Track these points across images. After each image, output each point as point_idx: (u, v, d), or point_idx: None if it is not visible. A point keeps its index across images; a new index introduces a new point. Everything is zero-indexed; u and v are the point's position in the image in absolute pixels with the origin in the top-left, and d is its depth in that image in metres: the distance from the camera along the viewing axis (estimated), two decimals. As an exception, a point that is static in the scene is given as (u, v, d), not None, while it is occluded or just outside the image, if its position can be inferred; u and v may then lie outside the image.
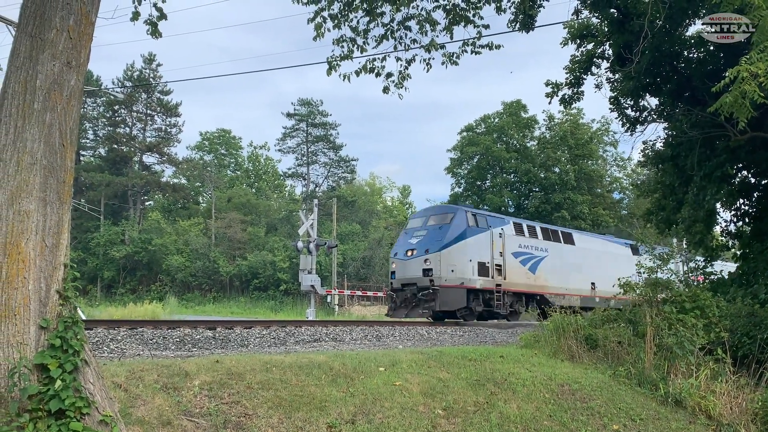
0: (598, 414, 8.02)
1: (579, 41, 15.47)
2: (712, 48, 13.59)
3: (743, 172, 15.35)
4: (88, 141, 57.55)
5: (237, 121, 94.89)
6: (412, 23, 10.25)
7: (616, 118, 16.40)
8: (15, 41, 4.59)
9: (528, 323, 19.15)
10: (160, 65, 58.84)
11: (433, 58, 10.49)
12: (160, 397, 5.50)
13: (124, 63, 77.02)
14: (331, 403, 6.29)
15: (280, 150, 65.18)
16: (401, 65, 10.53)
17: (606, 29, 14.78)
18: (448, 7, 10.16)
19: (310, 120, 62.55)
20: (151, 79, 55.76)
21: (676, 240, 22.16)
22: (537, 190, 49.68)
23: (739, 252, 15.62)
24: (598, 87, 15.98)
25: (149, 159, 58.23)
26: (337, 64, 10.13)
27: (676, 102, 14.70)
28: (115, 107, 56.44)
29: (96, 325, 10.79)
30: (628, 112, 16.05)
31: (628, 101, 15.87)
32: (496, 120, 52.91)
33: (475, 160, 52.12)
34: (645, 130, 16.32)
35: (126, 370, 5.86)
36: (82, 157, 56.45)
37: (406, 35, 10.33)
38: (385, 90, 10.52)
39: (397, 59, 10.53)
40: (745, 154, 13.67)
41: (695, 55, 14.36)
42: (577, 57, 15.62)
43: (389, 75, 10.47)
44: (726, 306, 11.68)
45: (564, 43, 15.60)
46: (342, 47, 10.14)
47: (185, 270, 47.47)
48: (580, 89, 15.69)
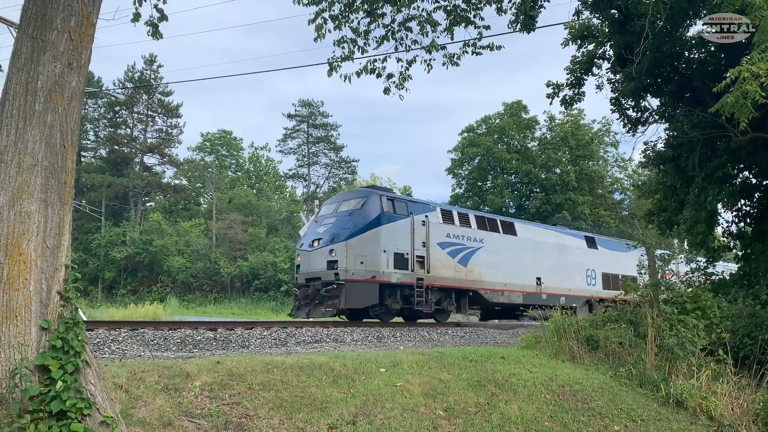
0: (599, 415, 8.02)
1: (580, 42, 15.46)
2: (713, 49, 13.58)
3: (744, 172, 15.34)
4: (89, 142, 57.59)
5: (238, 122, 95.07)
6: (413, 24, 10.27)
7: (617, 119, 16.41)
8: (16, 42, 4.59)
9: (529, 324, 19.08)
10: (161, 66, 58.77)
11: (433, 59, 10.51)
12: (161, 398, 5.50)
13: (125, 64, 77.32)
14: (332, 404, 6.29)
15: (281, 151, 65.27)
16: (402, 66, 10.55)
17: (607, 30, 14.78)
18: (448, 8, 10.17)
19: (310, 121, 62.55)
20: (152, 80, 55.78)
21: (678, 241, 22.13)
22: (538, 190, 49.68)
23: (741, 253, 15.61)
24: (599, 88, 15.97)
25: (150, 160, 58.27)
26: (338, 65, 10.15)
27: (677, 103, 14.69)
28: (116, 108, 56.47)
29: (97, 326, 10.80)
30: (629, 112, 16.05)
31: (629, 102, 15.87)
32: (497, 121, 52.94)
33: (476, 161, 52.14)
34: (646, 130, 16.33)
35: (127, 371, 5.86)
36: (83, 158, 56.49)
37: (407, 36, 10.35)
38: (386, 91, 10.54)
39: (398, 60, 10.57)
40: (747, 154, 13.66)
41: (696, 55, 14.35)
42: (578, 58, 15.61)
43: (390, 76, 10.48)
44: (727, 307, 11.68)
45: (565, 43, 15.60)
46: (343, 48, 10.16)
47: (186, 271, 47.47)
48: (580, 90, 15.68)
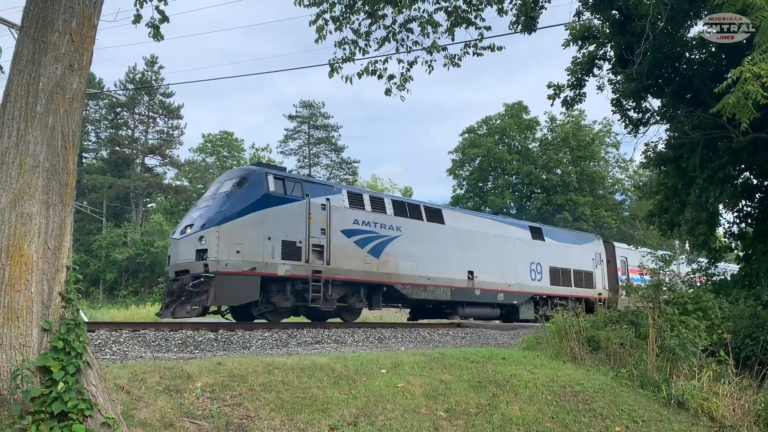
0: (601, 416, 8.01)
1: (581, 43, 15.48)
2: (714, 49, 13.59)
3: (745, 173, 15.34)
4: (91, 143, 57.60)
5: (239, 124, 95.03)
6: (413, 25, 10.29)
7: (618, 120, 16.43)
8: (18, 44, 4.60)
9: (530, 324, 19.06)
10: (162, 68, 58.76)
11: (435, 60, 10.53)
12: (162, 399, 5.50)
13: (126, 65, 77.35)
14: (333, 405, 6.29)
15: (282, 152, 65.17)
16: (403, 67, 10.58)
17: (608, 31, 14.79)
18: (449, 9, 10.18)
19: (311, 122, 62.56)
20: (152, 82, 55.82)
21: (679, 242, 22.09)
22: (539, 191, 49.69)
23: (742, 253, 15.61)
24: (599, 88, 16.00)
25: (151, 161, 58.23)
26: (339, 67, 10.16)
27: (678, 103, 14.70)
28: (117, 109, 56.53)
29: (98, 327, 10.80)
30: (630, 113, 16.07)
31: (630, 103, 15.89)
32: (498, 122, 52.99)
33: (476, 162, 52.19)
34: (647, 131, 16.36)
35: (128, 372, 5.87)
36: (85, 160, 56.52)
37: (408, 37, 10.38)
38: (388, 92, 10.56)
39: (399, 61, 10.59)
40: (748, 155, 13.66)
41: (697, 56, 14.36)
42: (579, 59, 15.63)
43: (391, 77, 10.51)
44: (728, 307, 11.68)
45: (566, 44, 15.62)
46: (344, 49, 10.18)
47: (187, 272, 47.34)
48: (581, 91, 15.71)
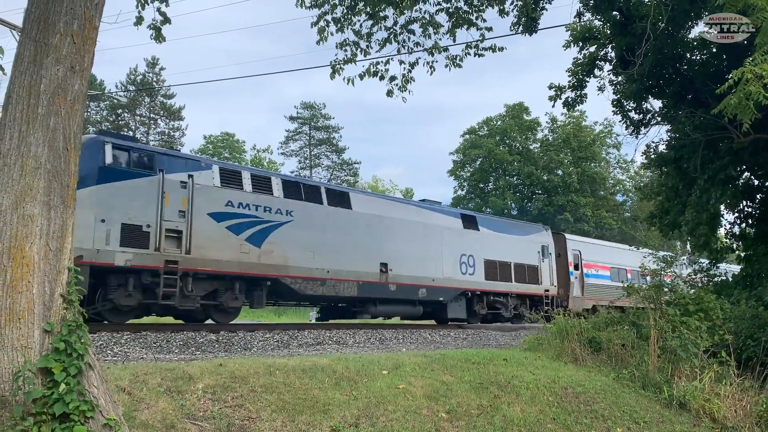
0: (602, 417, 8.00)
1: (581, 44, 15.48)
2: (714, 50, 13.59)
3: (747, 174, 15.32)
4: (92, 145, 57.61)
5: (240, 125, 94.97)
6: (415, 26, 10.30)
7: (619, 121, 16.42)
8: (19, 46, 4.61)
9: (531, 326, 18.99)
10: (163, 69, 58.78)
11: (436, 61, 10.56)
12: (163, 400, 5.50)
13: (128, 67, 77.43)
14: (334, 407, 6.29)
15: (283, 153, 65.06)
16: (404, 68, 10.59)
17: (608, 32, 14.79)
18: (451, 10, 10.19)
19: (312, 123, 62.55)
20: (154, 83, 55.89)
21: (680, 243, 22.05)
22: (540, 192, 49.66)
23: (743, 254, 15.59)
24: (600, 89, 15.99)
25: (153, 162, 58.21)
26: (340, 68, 10.18)
27: (679, 104, 14.69)
28: (119, 111, 56.60)
29: (100, 329, 10.80)
30: (631, 114, 16.07)
31: (631, 104, 15.88)
32: (499, 123, 52.98)
33: (477, 163, 52.17)
34: (648, 132, 16.34)
35: (130, 373, 5.87)
36: (86, 161, 56.57)
37: (409, 38, 10.39)
38: (389, 93, 10.58)
39: (401, 62, 10.60)
40: (749, 156, 13.64)
41: (698, 57, 14.35)
42: (580, 60, 15.63)
43: (393, 78, 10.52)
44: (730, 308, 11.66)
45: (566, 45, 15.62)
46: (345, 51, 10.20)
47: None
48: (582, 92, 15.71)
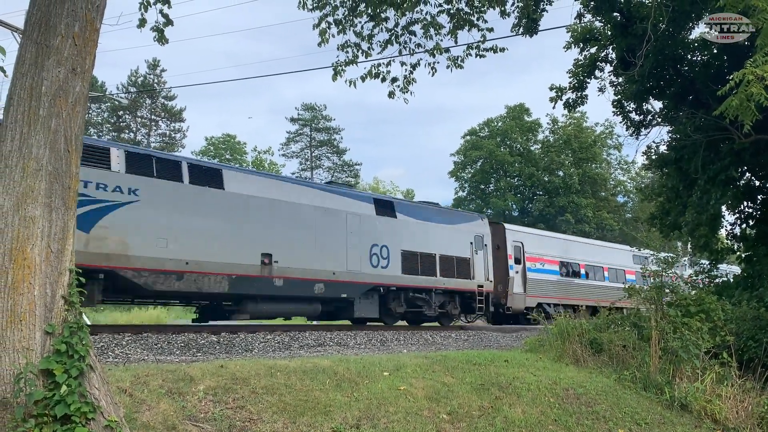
0: (603, 418, 8.00)
1: (582, 45, 15.48)
2: (715, 51, 13.58)
3: (747, 174, 15.31)
4: (93, 146, 57.63)
5: (242, 126, 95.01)
6: (416, 28, 10.30)
7: (620, 122, 16.42)
8: (20, 48, 4.62)
9: (533, 327, 18.99)
10: (164, 71, 58.78)
11: (437, 62, 10.53)
12: (164, 402, 5.50)
13: (129, 69, 77.47)
14: (335, 408, 6.29)
15: (284, 155, 65.14)
16: (406, 70, 10.57)
17: (609, 33, 14.79)
18: (452, 11, 10.18)
19: (313, 125, 62.60)
20: (155, 85, 55.93)
21: (681, 244, 22.02)
22: (541, 193, 49.64)
23: (744, 255, 15.57)
24: (601, 90, 15.99)
25: (154, 164, 58.23)
26: (342, 70, 10.16)
27: (680, 105, 14.68)
28: (120, 113, 56.62)
29: (101, 331, 10.80)
30: (632, 115, 16.06)
31: (632, 105, 15.88)
32: (500, 124, 52.97)
33: (478, 164, 52.16)
34: (649, 133, 16.33)
35: (131, 375, 5.87)
36: (87, 163, 56.59)
37: (411, 40, 10.38)
38: (391, 95, 10.56)
39: (402, 64, 10.58)
40: (750, 156, 13.63)
41: (699, 58, 14.35)
42: (581, 61, 15.63)
43: (394, 80, 10.51)
44: (731, 309, 11.65)
45: (567, 47, 15.62)
46: (347, 52, 10.19)
47: (189, 275, 47.28)
48: (583, 93, 15.70)
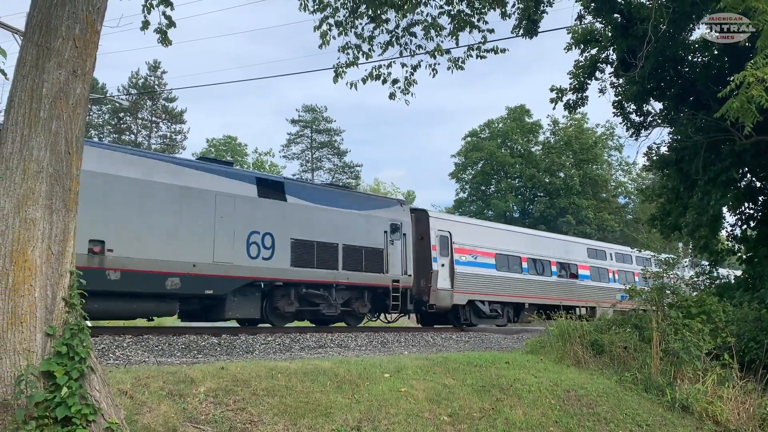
0: (605, 420, 7.99)
1: (583, 46, 15.48)
2: (716, 52, 13.58)
3: (748, 176, 15.30)
4: (94, 148, 57.63)
5: (243, 128, 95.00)
6: (417, 29, 10.30)
7: (620, 123, 16.41)
8: (21, 50, 4.62)
9: (533, 328, 18.99)
10: (164, 72, 58.85)
11: (438, 64, 10.52)
12: (165, 404, 5.50)
13: (129, 71, 77.38)
14: (336, 410, 6.29)
15: (285, 156, 65.08)
16: (407, 71, 10.57)
17: (610, 34, 14.79)
18: (453, 12, 10.19)
19: (314, 126, 62.60)
20: (156, 87, 55.97)
21: (683, 245, 21.99)
22: (542, 194, 49.63)
23: (745, 256, 15.56)
24: (602, 92, 15.99)
25: (154, 166, 58.18)
26: (343, 72, 10.16)
27: (681, 106, 14.68)
28: (121, 114, 56.65)
29: (101, 333, 10.80)
30: (632, 116, 16.05)
31: (632, 106, 15.87)
32: (500, 125, 52.96)
33: (479, 166, 52.15)
34: (649, 134, 16.33)
35: (131, 377, 5.87)
36: (88, 164, 56.58)
37: (411, 41, 10.39)
38: (392, 96, 10.56)
39: (403, 65, 10.58)
40: (751, 157, 13.61)
41: (699, 59, 14.35)
42: (581, 62, 15.62)
43: (395, 81, 10.51)
44: (732, 311, 11.63)
45: (568, 48, 15.62)
46: (347, 54, 10.19)
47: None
48: (584, 94, 15.69)
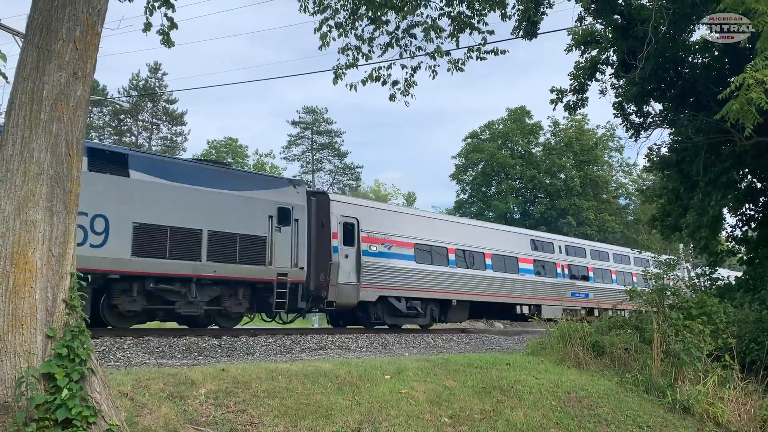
0: (605, 421, 7.98)
1: (583, 48, 15.49)
2: (716, 53, 13.58)
3: (749, 177, 15.29)
4: (94, 150, 57.64)
5: (243, 130, 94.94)
6: (417, 31, 10.31)
7: (620, 124, 16.41)
8: (22, 52, 4.63)
9: (535, 330, 18.95)
10: (165, 74, 58.90)
11: (438, 65, 10.53)
12: (166, 405, 5.50)
13: (130, 73, 77.31)
14: (337, 412, 6.28)
15: (285, 158, 65.12)
16: (407, 73, 10.58)
17: (610, 35, 14.79)
18: (453, 14, 10.19)
19: (315, 128, 62.60)
20: (156, 89, 56.00)
21: (683, 245, 21.96)
22: (542, 196, 49.62)
23: (746, 257, 15.55)
24: (602, 93, 16.00)
25: (155, 167, 58.18)
26: (342, 73, 10.16)
27: (681, 107, 14.68)
28: (121, 116, 56.69)
29: (102, 334, 10.80)
30: (633, 117, 16.05)
31: (633, 107, 15.88)
32: (501, 126, 52.97)
33: (479, 167, 52.15)
34: (650, 135, 16.32)
35: (132, 378, 5.87)
36: (89, 166, 56.59)
37: (411, 43, 10.39)
38: (392, 98, 10.57)
39: (403, 67, 10.59)
40: (751, 159, 13.61)
41: (699, 60, 14.34)
42: (582, 63, 15.63)
43: (395, 83, 10.51)
44: (733, 312, 11.62)
45: (568, 49, 15.63)
46: (347, 56, 10.19)
47: (191, 278, 47.27)
48: (584, 95, 15.70)
